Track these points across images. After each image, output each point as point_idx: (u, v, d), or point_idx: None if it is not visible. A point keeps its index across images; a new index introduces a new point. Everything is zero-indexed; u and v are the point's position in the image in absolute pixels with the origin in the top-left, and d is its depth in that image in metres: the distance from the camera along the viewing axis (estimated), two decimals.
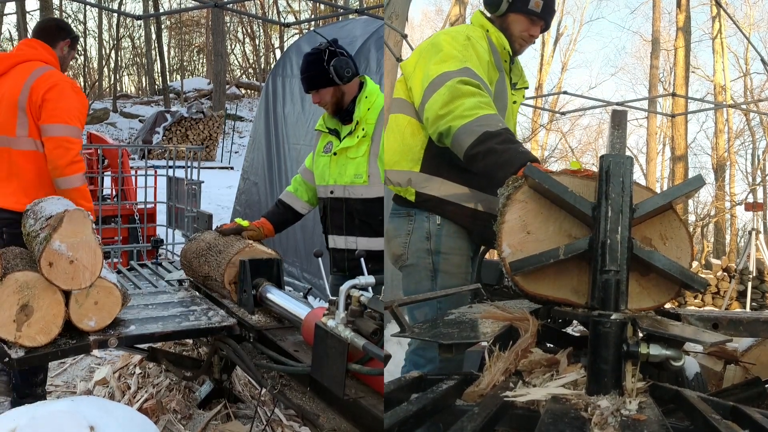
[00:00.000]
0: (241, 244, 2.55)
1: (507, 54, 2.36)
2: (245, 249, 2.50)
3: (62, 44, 3.10)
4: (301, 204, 2.92)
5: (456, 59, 2.12)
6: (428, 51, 2.21)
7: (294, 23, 12.98)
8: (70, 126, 2.90)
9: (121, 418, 1.68)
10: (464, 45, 2.18)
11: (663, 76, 19.54)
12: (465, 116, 1.99)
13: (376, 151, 2.58)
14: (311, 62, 2.61)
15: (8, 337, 1.93)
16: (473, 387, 1.28)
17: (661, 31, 17.73)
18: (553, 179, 1.40)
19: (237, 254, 2.47)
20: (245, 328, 2.28)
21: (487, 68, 2.21)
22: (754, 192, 18.92)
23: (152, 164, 6.86)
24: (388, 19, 5.42)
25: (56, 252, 1.96)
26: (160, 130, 16.60)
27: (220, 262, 2.50)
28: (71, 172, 2.88)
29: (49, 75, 2.92)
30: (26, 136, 2.89)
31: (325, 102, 2.65)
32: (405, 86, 2.31)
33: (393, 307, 1.65)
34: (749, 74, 20.46)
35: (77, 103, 2.96)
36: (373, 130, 2.59)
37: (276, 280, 2.40)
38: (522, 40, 2.37)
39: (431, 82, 2.10)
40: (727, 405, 1.12)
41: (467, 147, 1.97)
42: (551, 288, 1.43)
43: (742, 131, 20.29)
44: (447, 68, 2.09)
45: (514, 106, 2.48)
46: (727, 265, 8.57)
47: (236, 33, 29.24)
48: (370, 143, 2.58)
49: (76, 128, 2.93)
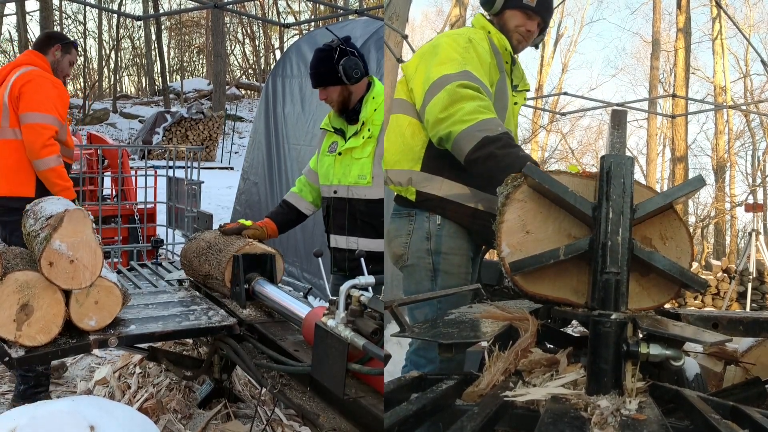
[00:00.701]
0: (242, 242, 2.55)
1: (509, 55, 2.36)
2: (245, 247, 2.50)
3: (53, 50, 3.43)
4: (306, 204, 2.93)
5: (456, 62, 2.12)
6: (429, 53, 2.22)
7: (294, 24, 12.97)
8: (45, 114, 3.21)
9: (121, 418, 1.68)
10: (465, 47, 2.18)
11: (663, 77, 19.56)
12: (465, 120, 2.00)
13: (381, 152, 2.57)
14: (321, 59, 2.59)
15: (8, 336, 1.93)
16: (473, 387, 1.29)
17: (662, 32, 17.74)
18: (553, 179, 1.40)
19: (237, 252, 2.48)
20: (240, 323, 2.32)
21: (489, 70, 2.22)
22: (754, 193, 18.93)
23: (152, 164, 6.86)
24: (389, 20, 5.42)
25: (56, 251, 1.96)
26: (160, 130, 16.60)
27: (221, 260, 2.50)
28: (46, 154, 3.18)
29: (29, 72, 3.27)
30: (8, 127, 3.23)
31: (331, 100, 2.63)
32: (406, 87, 2.32)
33: (393, 307, 1.65)
34: (749, 75, 20.48)
35: (54, 94, 3.26)
36: (379, 132, 2.58)
37: (269, 275, 2.44)
38: (519, 35, 2.36)
39: (431, 85, 2.10)
40: (726, 405, 1.12)
41: (467, 152, 1.99)
42: (551, 288, 1.43)
43: (742, 132, 20.30)
44: (447, 71, 2.10)
45: (515, 107, 2.48)
46: (727, 266, 8.57)
47: (236, 34, 29.26)
48: (375, 144, 2.57)
49: (51, 116, 3.23)
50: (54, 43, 3.45)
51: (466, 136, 1.99)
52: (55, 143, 3.22)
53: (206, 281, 2.63)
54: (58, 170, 3.23)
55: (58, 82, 3.35)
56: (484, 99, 2.05)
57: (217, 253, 2.56)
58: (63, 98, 3.34)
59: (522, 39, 2.38)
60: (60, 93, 3.31)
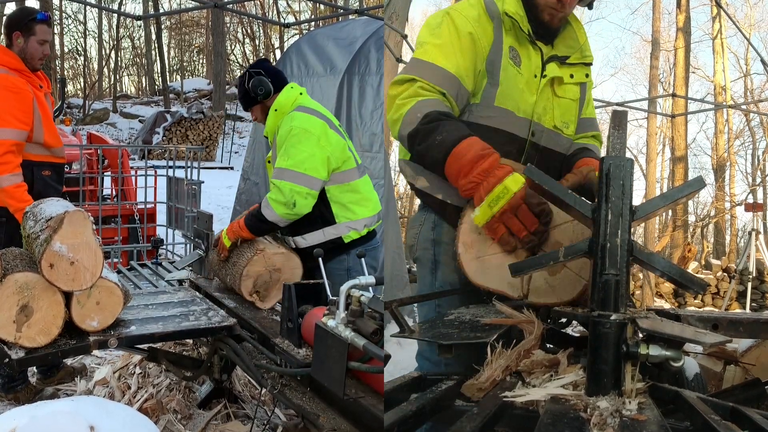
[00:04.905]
0: (250, 252, 2.53)
1: (524, 21, 2.00)
2: (254, 257, 2.49)
3: (14, 39, 3.05)
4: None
5: (419, 49, 2.03)
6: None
7: (294, 24, 12.98)
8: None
9: (121, 418, 1.68)
10: (435, 28, 2.03)
11: (663, 76, 19.56)
12: (395, 121, 1.94)
13: (275, 156, 2.66)
14: (238, 86, 2.83)
15: (8, 337, 1.93)
16: (473, 380, 1.29)
17: (661, 31, 17.72)
18: (552, 180, 1.40)
19: (247, 266, 2.47)
20: (291, 365, 2.01)
21: (470, 42, 1.98)
22: (754, 192, 18.94)
23: (152, 164, 6.86)
24: (388, 20, 5.42)
25: (57, 253, 1.96)
26: (160, 130, 16.60)
27: (235, 275, 2.49)
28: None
29: None
30: None
31: (256, 118, 2.83)
32: None
33: (393, 307, 1.65)
34: (749, 75, 20.49)
35: (11, 103, 2.93)
36: (273, 140, 2.71)
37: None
38: (550, 8, 1.97)
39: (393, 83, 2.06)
40: (726, 406, 1.12)
41: (411, 153, 1.99)
42: (493, 281, 1.72)
43: (742, 132, 20.31)
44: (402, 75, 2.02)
45: (543, 80, 2.06)
46: (727, 265, 8.57)
47: (236, 33, 29.23)
48: (277, 153, 2.64)
49: (8, 130, 2.92)
50: (13, 31, 3.06)
51: (401, 138, 1.96)
52: (8, 161, 2.91)
53: (233, 294, 2.65)
54: (8, 191, 2.91)
55: (17, 86, 2.99)
56: (412, 85, 1.93)
57: (232, 267, 2.55)
58: (23, 102, 2.98)
59: (555, 12, 1.98)
60: (20, 98, 2.97)
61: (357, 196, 2.63)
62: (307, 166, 2.46)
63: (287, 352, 2.02)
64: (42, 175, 3.14)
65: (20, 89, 2.99)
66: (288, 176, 2.48)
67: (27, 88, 3.03)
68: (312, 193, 2.50)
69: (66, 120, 9.21)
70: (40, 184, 3.11)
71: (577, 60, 2.14)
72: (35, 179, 3.10)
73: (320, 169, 2.49)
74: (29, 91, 3.03)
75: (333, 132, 2.60)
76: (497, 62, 1.98)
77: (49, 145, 3.15)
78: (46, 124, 3.11)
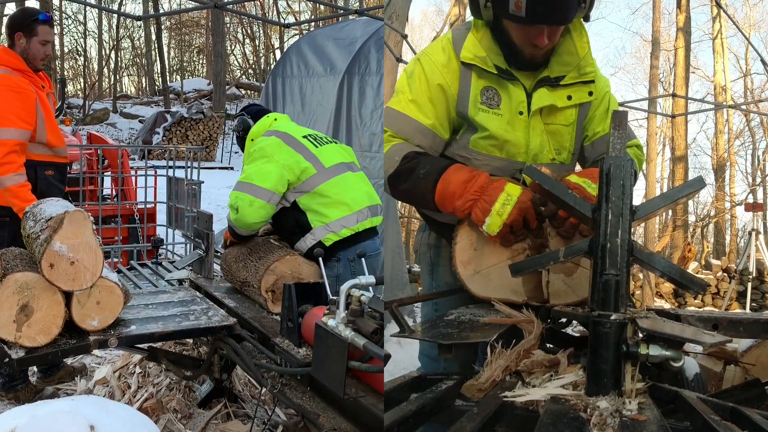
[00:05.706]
0: (283, 251, 2.54)
1: (486, 62, 1.87)
2: (286, 257, 2.49)
3: (17, 39, 3.08)
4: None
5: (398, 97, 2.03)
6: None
7: (294, 24, 12.99)
8: (0, 129, 2.92)
9: (121, 418, 1.68)
10: (407, 78, 2.01)
11: (663, 76, 19.54)
12: (386, 171, 1.98)
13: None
14: (235, 131, 3.10)
15: (8, 337, 1.93)
16: (473, 381, 1.29)
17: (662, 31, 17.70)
18: (552, 180, 1.40)
19: (276, 261, 2.47)
20: (291, 364, 2.00)
21: (439, 91, 1.92)
22: (754, 192, 18.94)
23: (152, 164, 6.85)
24: (388, 20, 5.42)
25: (57, 253, 1.96)
26: (160, 130, 16.59)
27: (259, 267, 2.48)
28: (0, 173, 2.92)
29: None
30: None
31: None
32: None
33: (393, 307, 1.65)
34: (749, 75, 20.49)
35: (14, 103, 2.96)
36: (246, 163, 2.82)
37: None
38: (529, 47, 1.81)
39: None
40: (726, 406, 1.12)
41: (394, 195, 2.04)
42: (495, 291, 1.76)
43: (742, 132, 20.32)
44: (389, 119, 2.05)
45: (532, 115, 1.91)
46: (727, 265, 8.57)
47: (236, 34, 29.23)
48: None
49: (11, 130, 2.94)
50: (15, 31, 3.08)
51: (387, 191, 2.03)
52: (12, 161, 2.95)
53: (243, 288, 2.63)
54: (12, 190, 2.95)
55: (20, 87, 3.02)
56: (396, 135, 1.97)
57: (257, 260, 2.55)
58: (26, 102, 3.01)
59: (534, 51, 1.82)
60: (23, 98, 3.00)
61: (325, 199, 2.68)
62: (254, 178, 2.63)
63: (287, 352, 2.01)
64: (45, 175, 3.16)
65: (23, 89, 3.02)
66: (237, 186, 2.67)
67: (30, 88, 3.05)
68: (258, 202, 2.59)
69: (66, 120, 9.19)
70: (43, 184, 3.13)
71: (574, 79, 1.91)
72: (38, 179, 3.12)
73: (267, 180, 2.61)
74: (32, 92, 3.05)
75: (287, 147, 2.71)
76: (466, 109, 1.91)
77: (52, 145, 3.17)
78: (48, 124, 3.12)
